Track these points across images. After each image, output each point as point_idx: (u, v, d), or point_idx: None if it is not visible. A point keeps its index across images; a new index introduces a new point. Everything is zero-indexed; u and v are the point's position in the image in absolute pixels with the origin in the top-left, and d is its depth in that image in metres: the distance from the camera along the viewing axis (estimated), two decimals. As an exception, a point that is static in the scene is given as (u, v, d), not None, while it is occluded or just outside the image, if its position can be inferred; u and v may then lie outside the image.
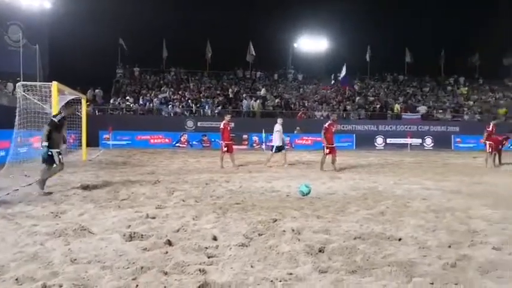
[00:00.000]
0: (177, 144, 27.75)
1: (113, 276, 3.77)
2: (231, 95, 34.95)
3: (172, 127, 28.57)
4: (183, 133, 28.38)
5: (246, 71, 40.66)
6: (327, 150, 13.83)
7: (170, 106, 31.73)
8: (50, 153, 8.45)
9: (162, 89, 34.75)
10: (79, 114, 18.11)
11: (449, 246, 4.85)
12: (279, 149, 15.53)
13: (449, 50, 44.14)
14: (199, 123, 29.80)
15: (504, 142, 17.35)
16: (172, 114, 31.22)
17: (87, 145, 18.77)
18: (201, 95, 34.47)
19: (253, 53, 39.53)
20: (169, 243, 4.83)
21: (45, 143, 8.37)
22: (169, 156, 20.02)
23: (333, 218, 6.32)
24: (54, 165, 8.61)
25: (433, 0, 47.34)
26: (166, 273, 3.86)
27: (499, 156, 17.04)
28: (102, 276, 3.77)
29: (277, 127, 15.53)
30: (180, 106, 32.00)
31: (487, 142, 16.11)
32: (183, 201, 7.70)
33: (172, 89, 34.92)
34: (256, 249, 4.63)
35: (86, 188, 9.18)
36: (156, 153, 21.35)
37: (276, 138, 15.58)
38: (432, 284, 3.65)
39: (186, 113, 31.48)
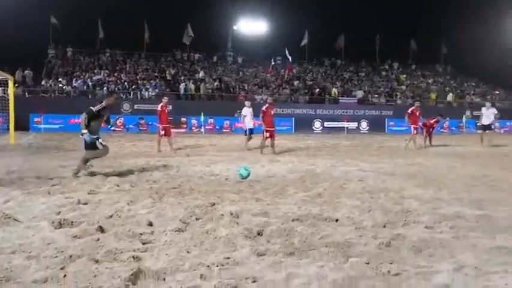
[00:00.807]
0: (112, 128, 26.85)
1: (39, 266, 3.53)
2: (168, 77, 34.24)
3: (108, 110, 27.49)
4: (119, 116, 27.52)
5: (184, 53, 39.92)
6: (267, 134, 13.84)
7: (105, 88, 30.62)
8: (90, 138, 8.57)
9: (96, 70, 33.43)
10: (6, 96, 17.08)
11: (384, 226, 4.95)
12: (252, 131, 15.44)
13: (384, 35, 45.46)
14: (136, 106, 29.01)
15: (434, 125, 18.16)
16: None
17: (16, 129, 17.73)
18: (138, 77, 33.53)
19: (191, 34, 38.84)
20: (102, 229, 4.61)
21: (84, 130, 8.57)
22: (105, 140, 19.29)
23: (272, 200, 6.31)
24: (97, 150, 8.77)
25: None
26: (97, 261, 3.66)
27: (429, 139, 17.82)
28: (27, 267, 3.51)
29: (245, 110, 15.32)
30: (116, 88, 30.96)
31: (412, 126, 16.65)
32: (118, 186, 7.41)
33: (107, 71, 33.69)
34: (193, 234, 4.51)
35: (12, 173, 8.65)
36: (90, 137, 20.51)
37: (247, 121, 15.40)
38: (368, 263, 3.68)
39: (122, 95, 30.51)
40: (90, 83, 30.88)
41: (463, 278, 3.37)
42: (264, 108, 14.11)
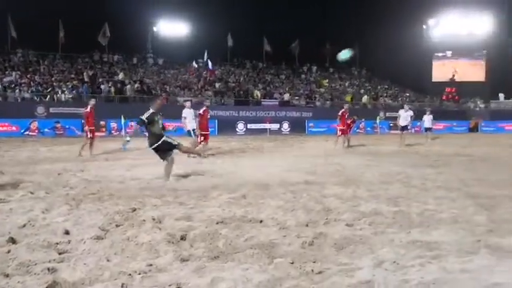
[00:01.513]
0: (26, 133, 25.34)
1: None
2: (86, 79, 32.84)
3: (21, 114, 25.91)
4: (33, 120, 26.00)
5: (103, 54, 38.49)
6: (202, 137, 13.59)
7: (17, 91, 28.79)
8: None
9: (8, 72, 31.35)
10: None
11: (307, 225, 5.03)
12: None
13: (303, 39, 46.68)
14: (51, 109, 27.49)
15: (351, 125, 18.92)
16: (19, 100, 28.35)
17: None
18: (53, 79, 31.85)
19: (108, 34, 37.52)
20: (13, 240, 4.28)
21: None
22: (17, 145, 18.17)
23: (196, 203, 6.21)
24: (171, 153, 8.71)
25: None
26: (7, 276, 3.39)
27: (347, 139, 18.51)
28: None
29: (186, 112, 14.50)
30: (29, 91, 29.22)
31: (338, 127, 17.36)
32: (32, 193, 6.96)
33: (19, 72, 31.66)
34: (113, 241, 4.32)
35: None
36: (1, 143, 19.22)
37: (188, 123, 14.44)
38: (292, 263, 3.71)
39: (36, 98, 28.84)
40: (1, 85, 28.87)
41: (383, 273, 3.48)
42: (201, 111, 13.84)
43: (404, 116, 19.25)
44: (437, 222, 5.13)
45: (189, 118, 14.57)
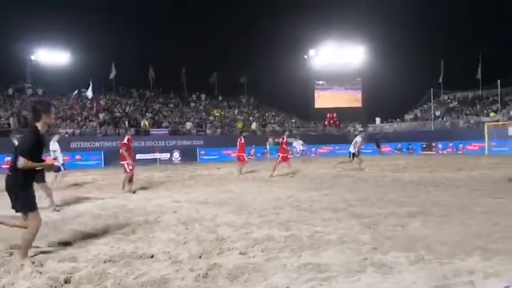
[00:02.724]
0: None
1: None
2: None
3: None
4: None
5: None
6: (130, 167, 12.60)
7: None
8: None
9: None
10: None
11: (200, 257, 4.93)
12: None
13: (190, 68, 47.15)
14: None
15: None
16: None
17: None
18: None
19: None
20: None
21: None
22: None
23: (81, 242, 5.81)
24: None
25: (173, 22, 50.08)
26: None
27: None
28: None
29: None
30: None
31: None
32: None
33: None
34: (-16, 292, 3.87)
35: None
36: None
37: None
38: (186, 298, 3.59)
39: None
40: None
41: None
42: (125, 140, 12.85)
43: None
44: (326, 244, 5.31)
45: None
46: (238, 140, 18.67)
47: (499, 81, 38.83)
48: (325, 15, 49.09)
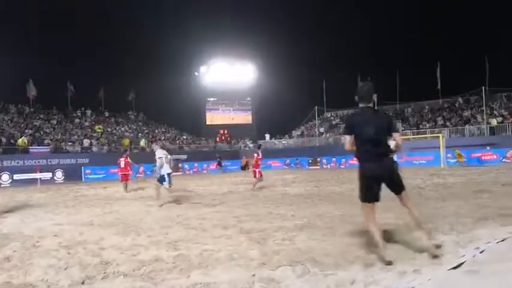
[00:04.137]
0: None
1: None
2: None
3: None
4: None
5: None
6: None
7: None
8: None
9: None
10: None
11: (83, 283, 4.65)
12: None
13: (76, 84, 45.03)
14: None
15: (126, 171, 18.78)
16: None
17: None
18: None
19: None
20: None
21: None
22: None
23: None
24: None
25: (56, 33, 47.61)
26: None
27: (126, 185, 18.12)
28: None
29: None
30: None
31: (255, 169, 17.12)
32: None
33: None
34: None
35: None
36: None
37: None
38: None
39: None
40: None
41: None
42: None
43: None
44: (215, 262, 5.29)
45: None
46: (123, 158, 18.58)
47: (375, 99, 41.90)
48: (215, 32, 49.91)
